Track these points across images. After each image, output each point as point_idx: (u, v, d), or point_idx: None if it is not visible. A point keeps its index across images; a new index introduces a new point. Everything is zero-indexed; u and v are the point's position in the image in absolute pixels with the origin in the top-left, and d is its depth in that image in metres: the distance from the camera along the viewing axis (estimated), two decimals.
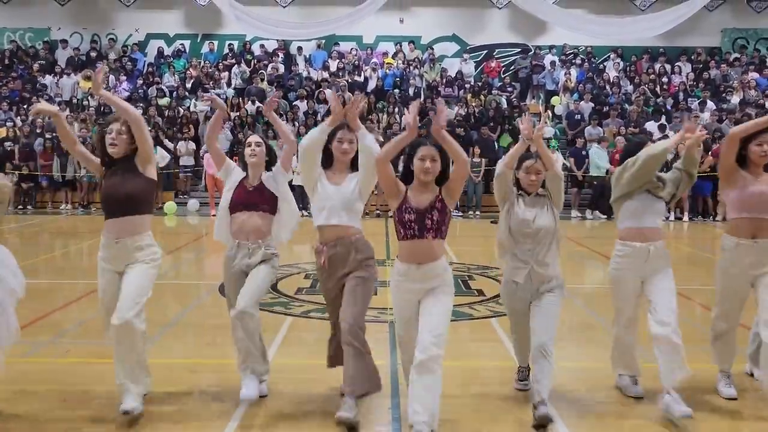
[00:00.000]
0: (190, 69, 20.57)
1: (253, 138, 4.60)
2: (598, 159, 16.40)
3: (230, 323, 4.30)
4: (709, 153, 16.09)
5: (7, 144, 17.33)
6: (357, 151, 4.31)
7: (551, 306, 4.27)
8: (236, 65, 20.41)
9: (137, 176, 4.20)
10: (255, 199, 4.47)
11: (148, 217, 4.32)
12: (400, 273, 3.96)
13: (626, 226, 4.49)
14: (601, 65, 21.32)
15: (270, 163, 4.62)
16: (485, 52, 22.04)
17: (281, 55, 21.10)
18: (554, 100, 19.79)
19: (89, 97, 19.38)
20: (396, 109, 18.49)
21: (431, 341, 3.75)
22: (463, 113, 18.32)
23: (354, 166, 4.34)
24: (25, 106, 18.95)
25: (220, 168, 4.62)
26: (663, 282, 4.38)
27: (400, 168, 4.09)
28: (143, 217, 4.25)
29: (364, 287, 4.22)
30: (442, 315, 3.88)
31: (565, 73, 20.19)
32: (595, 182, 16.43)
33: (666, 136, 17.18)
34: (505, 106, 19.02)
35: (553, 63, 20.73)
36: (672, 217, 16.12)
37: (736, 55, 21.48)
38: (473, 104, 18.87)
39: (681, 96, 19.60)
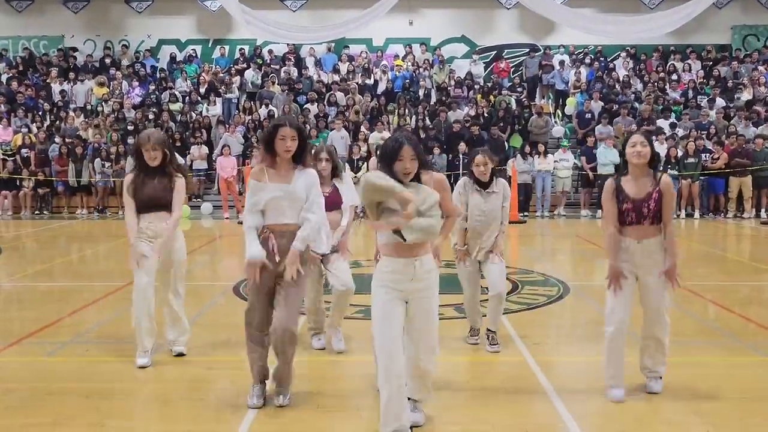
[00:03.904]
0: (202, 74, 20.78)
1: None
2: (604, 157, 16.28)
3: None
4: (722, 149, 16.07)
5: (23, 150, 17.59)
6: (299, 147, 4.18)
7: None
8: (247, 69, 20.60)
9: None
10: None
11: None
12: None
13: None
14: (611, 64, 21.30)
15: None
16: (494, 52, 22.09)
17: (292, 59, 21.25)
18: (569, 101, 19.74)
19: (103, 103, 19.63)
20: (406, 111, 18.59)
21: None
22: (473, 114, 18.39)
23: (295, 161, 4.24)
24: (39, 113, 19.21)
25: None
26: None
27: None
28: None
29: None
30: None
31: (575, 73, 20.18)
32: (599, 180, 16.37)
33: (675, 134, 17.19)
34: (514, 106, 19.06)
35: (562, 63, 20.74)
36: (683, 215, 16.11)
37: (746, 51, 21.41)
38: (483, 105, 18.94)
39: (691, 93, 19.57)
